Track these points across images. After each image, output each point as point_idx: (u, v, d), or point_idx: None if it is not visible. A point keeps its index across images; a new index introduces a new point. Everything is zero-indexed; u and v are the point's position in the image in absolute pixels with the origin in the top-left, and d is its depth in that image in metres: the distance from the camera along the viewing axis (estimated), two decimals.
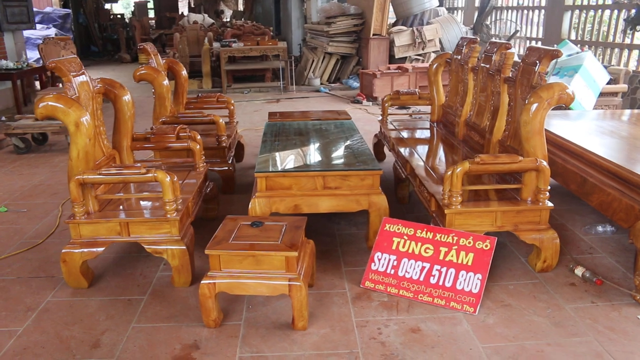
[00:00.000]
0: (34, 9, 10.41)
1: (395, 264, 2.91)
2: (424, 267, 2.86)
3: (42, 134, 6.27)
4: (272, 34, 12.69)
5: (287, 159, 3.44)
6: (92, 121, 2.99)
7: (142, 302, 2.87)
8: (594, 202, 3.26)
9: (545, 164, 2.92)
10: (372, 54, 10.26)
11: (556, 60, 5.75)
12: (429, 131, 4.71)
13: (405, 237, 2.94)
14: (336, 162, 3.39)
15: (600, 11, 7.82)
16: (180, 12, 20.58)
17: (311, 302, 2.79)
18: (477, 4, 11.07)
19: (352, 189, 3.18)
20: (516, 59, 5.54)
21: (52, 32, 13.47)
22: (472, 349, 2.42)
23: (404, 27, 10.48)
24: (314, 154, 3.58)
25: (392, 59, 10.35)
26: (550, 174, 2.95)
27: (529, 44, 9.60)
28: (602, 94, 6.09)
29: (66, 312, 2.79)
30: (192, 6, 22.41)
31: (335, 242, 3.53)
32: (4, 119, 7.36)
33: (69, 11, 16.28)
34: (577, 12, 8.38)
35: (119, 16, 20.89)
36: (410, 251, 2.91)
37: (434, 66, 4.80)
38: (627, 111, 4.91)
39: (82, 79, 3.22)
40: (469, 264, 2.80)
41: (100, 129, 3.31)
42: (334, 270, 3.16)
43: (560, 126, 4.06)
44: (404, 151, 3.98)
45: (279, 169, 3.22)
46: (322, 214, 3.28)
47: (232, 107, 5.11)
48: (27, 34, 10.88)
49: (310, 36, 11.75)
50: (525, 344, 2.45)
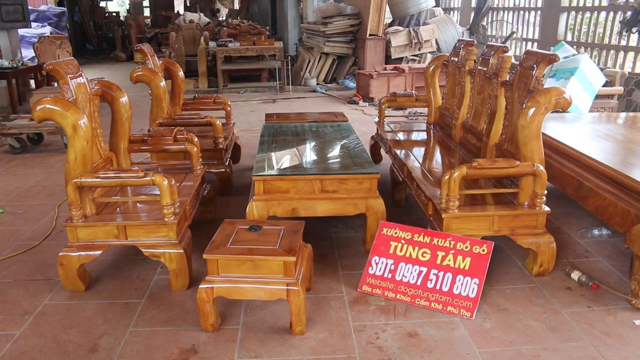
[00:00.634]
0: (29, 7, 10.35)
1: (392, 268, 2.91)
2: (421, 272, 2.86)
3: (38, 133, 6.24)
4: (268, 33, 12.68)
5: (284, 162, 3.44)
6: (90, 124, 2.98)
7: (140, 306, 2.86)
8: (590, 206, 3.27)
9: (542, 168, 2.93)
10: (369, 54, 10.26)
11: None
12: (425, 133, 4.72)
13: (402, 241, 2.95)
14: (334, 165, 3.39)
15: (596, 13, 7.85)
16: (176, 11, 20.51)
17: (309, 306, 2.79)
18: (473, 5, 11.08)
19: (350, 192, 3.19)
20: (513, 60, 5.56)
21: (47, 30, 13.42)
22: (469, 354, 2.43)
23: (401, 28, 10.48)
24: (311, 157, 3.59)
25: (388, 60, 10.36)
26: (547, 178, 2.96)
27: (525, 45, 9.63)
28: (598, 97, 6.12)
29: (63, 315, 2.79)
30: (188, 5, 22.33)
31: (332, 245, 3.53)
32: None
33: (64, 9, 16.22)
34: (573, 13, 8.39)
35: (114, 14, 20.82)
36: (407, 255, 2.92)
37: (431, 68, 4.81)
38: (622, 114, 4.93)
39: (79, 80, 3.20)
40: (466, 268, 2.81)
41: (97, 131, 3.30)
42: (331, 273, 3.17)
43: (556, 129, 4.08)
44: (400, 154, 3.98)
45: (277, 172, 3.22)
46: (320, 216, 3.29)
47: (228, 109, 5.10)
48: (22, 32, 10.83)
49: (306, 36, 11.75)
50: (521, 348, 2.46)
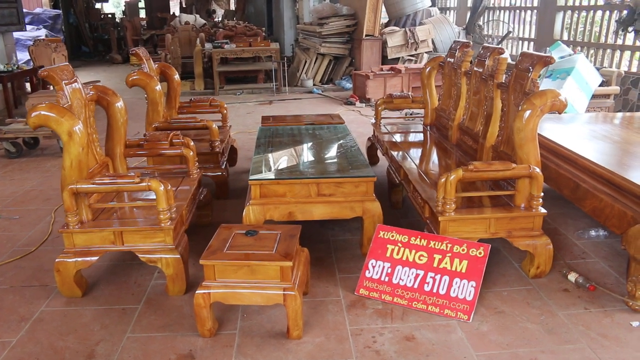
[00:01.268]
0: (24, 10, 10.33)
1: (389, 271, 2.91)
2: (418, 275, 2.86)
3: (34, 137, 6.23)
4: (264, 34, 12.67)
5: (280, 166, 3.43)
6: (85, 129, 2.97)
7: (137, 312, 2.86)
8: (586, 207, 3.28)
9: (538, 170, 2.93)
10: (365, 54, 10.26)
11: None
12: (422, 135, 4.72)
13: (399, 245, 2.95)
14: (330, 168, 3.39)
15: (592, 12, 7.86)
16: (171, 12, 20.50)
17: (306, 310, 2.79)
18: (469, 5, 11.09)
19: (346, 195, 3.19)
20: (509, 60, 5.57)
21: (42, 33, 13.39)
22: (466, 357, 2.43)
23: (397, 28, 10.49)
24: (307, 161, 3.58)
25: (384, 60, 10.36)
26: (543, 180, 2.97)
27: (521, 45, 9.64)
28: (594, 96, 6.11)
29: (60, 322, 2.78)
30: (184, 6, 22.32)
31: (329, 249, 3.53)
32: None
33: (59, 12, 16.20)
34: (569, 12, 8.41)
35: (109, 16, 20.78)
36: (404, 258, 2.92)
37: (427, 69, 4.81)
38: (619, 114, 4.93)
39: (75, 86, 3.20)
40: (463, 271, 2.81)
41: (93, 137, 3.29)
42: (328, 277, 3.16)
43: (552, 130, 4.08)
44: (397, 156, 3.98)
45: (273, 176, 3.21)
46: (316, 220, 3.29)
47: (225, 111, 5.09)
48: (17, 35, 10.80)
49: (302, 37, 11.75)
50: (518, 351, 2.47)
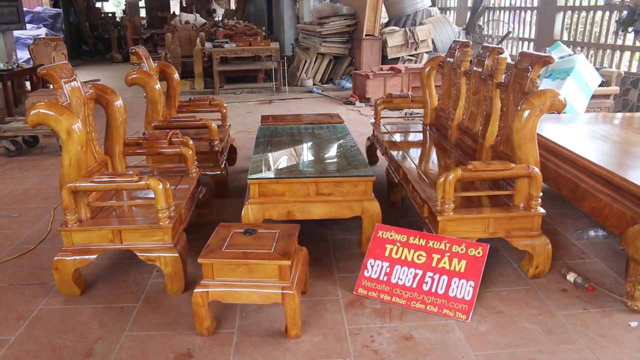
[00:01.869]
0: (24, 9, 10.33)
1: (388, 270, 2.91)
2: (416, 274, 2.86)
3: (33, 136, 6.22)
4: (264, 34, 12.66)
5: (280, 165, 3.43)
6: (84, 128, 2.97)
7: (135, 310, 2.86)
8: (585, 207, 3.28)
9: (537, 170, 2.93)
10: (365, 54, 10.26)
11: None
12: (421, 134, 4.72)
13: (398, 244, 2.95)
14: (329, 168, 3.39)
15: (592, 12, 7.86)
16: (172, 12, 20.48)
17: (304, 309, 2.79)
18: (469, 4, 11.09)
19: (345, 195, 3.19)
20: (509, 60, 5.57)
21: (42, 32, 13.40)
22: (465, 357, 2.43)
23: (397, 28, 10.48)
24: (306, 160, 3.58)
25: (384, 60, 10.35)
26: (542, 180, 2.97)
27: (521, 45, 9.64)
28: (594, 96, 6.11)
29: (59, 320, 2.78)
30: (184, 5, 22.31)
31: (328, 248, 3.53)
32: None
33: (60, 10, 16.20)
34: (569, 13, 8.41)
35: (110, 15, 20.77)
36: (403, 258, 2.91)
37: (427, 69, 4.81)
38: (619, 114, 4.93)
39: (74, 84, 3.20)
40: (462, 271, 2.81)
41: (92, 135, 3.29)
42: (327, 276, 3.16)
43: (552, 130, 4.08)
44: (396, 155, 3.98)
45: (272, 175, 3.21)
46: (315, 219, 3.29)
47: (224, 110, 5.09)
48: (17, 34, 10.81)
49: (302, 36, 11.74)
50: (517, 351, 2.46)
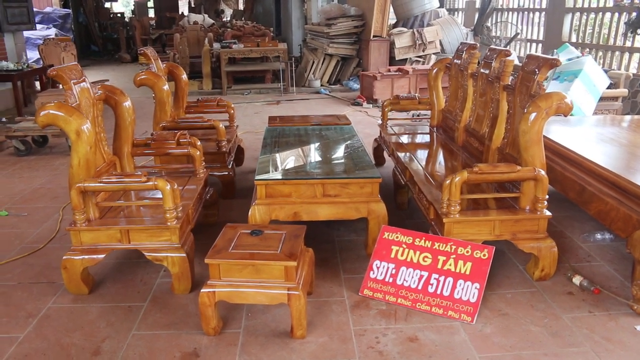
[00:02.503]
0: (34, 9, 10.41)
1: (393, 272, 2.92)
2: (422, 276, 2.87)
3: (43, 136, 6.28)
4: (272, 34, 12.70)
5: (286, 166, 3.45)
6: (93, 128, 3.01)
7: (142, 309, 2.88)
8: (592, 210, 3.27)
9: (543, 173, 2.93)
10: (373, 55, 10.27)
11: None
12: (428, 136, 4.72)
13: (404, 246, 2.96)
14: (336, 169, 3.40)
15: (600, 14, 7.83)
16: (180, 12, 20.58)
17: (310, 309, 2.80)
18: (477, 6, 11.07)
19: (352, 196, 3.20)
20: (516, 62, 5.57)
21: (52, 32, 13.50)
22: (469, 359, 2.44)
23: (405, 29, 10.48)
24: (313, 161, 3.60)
25: (392, 61, 10.36)
26: (548, 183, 2.97)
27: (529, 46, 9.61)
28: (602, 99, 6.09)
29: (67, 318, 2.81)
30: (193, 6, 22.40)
31: (334, 249, 3.55)
32: (4, 120, 7.40)
33: (69, 11, 16.31)
34: (577, 14, 8.38)
35: (119, 15, 20.89)
36: (408, 260, 2.92)
37: (434, 71, 4.81)
38: (627, 117, 4.91)
39: (83, 85, 3.23)
40: (467, 273, 2.81)
41: (100, 136, 3.32)
42: (333, 277, 3.18)
43: (559, 132, 4.08)
44: (403, 157, 3.99)
45: (279, 176, 3.23)
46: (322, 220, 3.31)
47: (232, 111, 5.12)
48: (27, 34, 10.91)
49: (310, 37, 11.76)
50: (522, 353, 2.47)
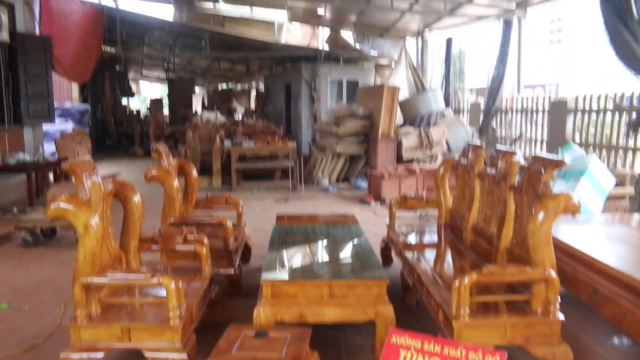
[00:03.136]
0: (55, 104, 10.81)
1: None
2: None
3: (52, 227, 6.31)
4: (282, 133, 13.03)
5: (293, 266, 3.44)
6: (101, 222, 3.02)
7: None
8: (606, 313, 3.19)
9: (554, 274, 2.88)
10: (380, 154, 10.44)
11: None
12: (436, 236, 4.70)
13: (412, 350, 2.85)
14: (343, 269, 3.38)
15: (602, 114, 8.03)
16: (194, 110, 21.30)
17: None
18: (482, 107, 11.41)
19: (359, 298, 3.15)
20: (522, 161, 5.64)
21: (69, 126, 13.92)
22: None
23: (412, 129, 10.75)
24: (320, 261, 3.59)
25: (400, 160, 10.53)
26: (559, 284, 2.91)
27: (534, 145, 9.80)
28: (609, 198, 6.12)
29: None
30: (206, 104, 23.23)
31: (340, 352, 3.43)
32: (15, 210, 7.48)
33: (88, 107, 16.92)
34: (579, 115, 8.59)
35: (135, 112, 21.65)
36: None
37: (441, 170, 4.87)
38: (635, 216, 4.91)
39: (94, 179, 3.28)
40: None
41: (108, 230, 3.33)
42: None
43: (568, 232, 4.06)
44: (411, 257, 3.95)
45: (285, 276, 3.21)
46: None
47: (240, 209, 5.15)
48: (45, 127, 11.24)
49: (319, 136, 12.04)
50: None
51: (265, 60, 18.30)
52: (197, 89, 27.64)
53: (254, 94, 25.01)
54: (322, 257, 3.68)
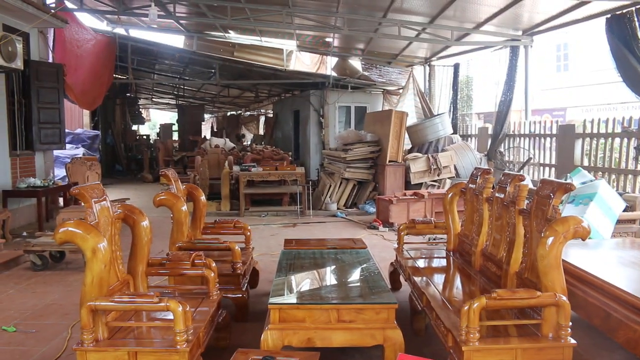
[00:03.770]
0: (66, 130, 10.94)
1: None
2: None
3: (60, 251, 6.32)
4: (290, 158, 13.07)
5: (301, 291, 3.42)
6: (109, 247, 3.03)
7: None
8: (620, 338, 3.14)
9: (564, 299, 2.84)
10: (389, 179, 10.45)
11: None
12: (445, 260, 4.67)
13: None
14: (351, 294, 3.36)
15: (610, 139, 8.01)
16: (203, 136, 21.46)
17: None
18: (490, 132, 11.41)
19: (367, 322, 3.12)
20: (530, 185, 5.64)
21: (80, 151, 14.08)
22: None
23: (420, 154, 10.76)
24: (328, 286, 3.57)
25: (408, 185, 10.52)
26: (570, 308, 2.87)
27: (542, 170, 9.76)
28: (619, 221, 6.07)
29: None
30: (215, 130, 23.40)
31: None
32: (25, 234, 7.52)
33: (98, 133, 17.11)
34: (587, 139, 8.58)
35: (144, 137, 21.83)
36: None
37: (449, 195, 4.86)
38: None
39: (103, 204, 3.30)
40: None
41: (116, 254, 3.34)
42: None
43: (579, 256, 4.02)
44: (419, 281, 3.92)
45: (293, 301, 3.19)
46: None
47: (248, 233, 5.15)
48: (56, 153, 11.36)
49: (327, 161, 12.08)
50: None
51: (274, 87, 18.48)
52: (207, 115, 27.89)
53: (262, 120, 25.21)
54: (330, 281, 3.66)
